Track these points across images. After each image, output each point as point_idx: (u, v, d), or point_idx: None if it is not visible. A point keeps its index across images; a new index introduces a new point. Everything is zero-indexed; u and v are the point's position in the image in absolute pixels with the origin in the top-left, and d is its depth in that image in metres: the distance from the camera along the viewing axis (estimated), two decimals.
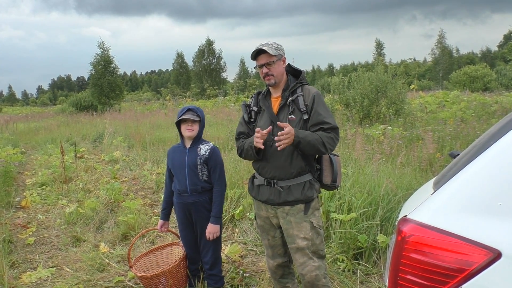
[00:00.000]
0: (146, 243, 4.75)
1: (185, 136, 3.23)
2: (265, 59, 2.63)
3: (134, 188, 7.36)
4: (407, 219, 1.53)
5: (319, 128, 2.54)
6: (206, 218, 3.24)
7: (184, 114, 3.16)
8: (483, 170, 1.43)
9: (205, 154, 3.19)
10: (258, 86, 41.38)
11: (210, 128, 12.79)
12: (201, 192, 3.20)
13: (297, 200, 2.62)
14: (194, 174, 3.19)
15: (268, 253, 2.91)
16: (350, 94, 11.28)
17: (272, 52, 2.59)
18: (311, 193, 2.64)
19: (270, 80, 2.66)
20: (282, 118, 2.64)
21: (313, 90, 2.66)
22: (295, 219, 2.63)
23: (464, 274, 1.33)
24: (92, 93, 32.67)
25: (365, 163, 5.60)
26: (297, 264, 2.67)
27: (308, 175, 2.66)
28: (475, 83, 34.75)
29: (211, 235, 3.19)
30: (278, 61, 2.64)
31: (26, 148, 13.67)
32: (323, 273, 2.66)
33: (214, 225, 3.20)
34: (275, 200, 2.67)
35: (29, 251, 4.71)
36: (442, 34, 68.07)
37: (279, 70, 2.66)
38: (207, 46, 67.95)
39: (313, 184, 2.66)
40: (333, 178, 2.71)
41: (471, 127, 8.08)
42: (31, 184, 7.85)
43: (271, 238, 2.85)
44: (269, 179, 2.68)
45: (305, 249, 2.62)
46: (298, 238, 2.62)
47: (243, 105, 2.85)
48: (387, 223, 3.97)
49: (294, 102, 2.63)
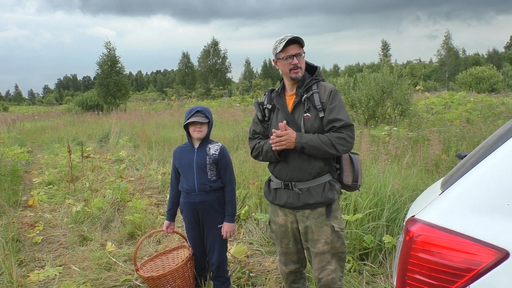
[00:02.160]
0: (153, 243, 4.78)
1: (194, 137, 3.24)
2: (296, 50, 2.49)
3: (140, 188, 7.39)
4: (415, 219, 1.54)
5: (331, 126, 2.43)
6: (213, 218, 3.25)
7: (193, 116, 3.16)
8: (491, 171, 1.44)
9: (215, 154, 3.21)
10: (263, 86, 41.42)
11: (216, 128, 12.81)
12: (209, 191, 3.22)
13: (318, 202, 2.50)
14: (203, 173, 3.20)
15: (281, 259, 2.82)
16: (355, 94, 11.26)
17: (303, 44, 2.51)
18: (331, 195, 2.51)
19: (298, 73, 2.51)
20: (297, 116, 2.53)
21: (329, 86, 2.53)
22: (316, 223, 2.53)
23: (472, 273, 1.34)
24: (98, 93, 32.78)
25: (371, 163, 5.60)
26: (315, 267, 2.60)
27: (328, 175, 2.54)
28: (481, 84, 34.57)
29: (228, 233, 3.22)
30: (304, 54, 2.54)
31: (32, 147, 13.75)
32: (339, 275, 2.60)
33: (230, 224, 3.23)
34: (294, 203, 2.54)
35: (36, 249, 4.75)
36: (448, 35, 67.76)
37: (304, 64, 2.57)
38: (213, 46, 68.09)
39: (333, 184, 2.54)
40: (354, 177, 2.59)
41: (477, 128, 8.05)
42: (38, 183, 7.91)
43: (285, 246, 2.73)
44: (287, 182, 2.56)
45: (325, 254, 2.54)
46: (319, 243, 2.54)
47: (255, 103, 2.74)
48: (393, 224, 3.97)
49: (309, 100, 2.50)
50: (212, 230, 3.27)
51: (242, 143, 8.90)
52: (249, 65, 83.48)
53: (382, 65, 11.80)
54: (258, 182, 5.45)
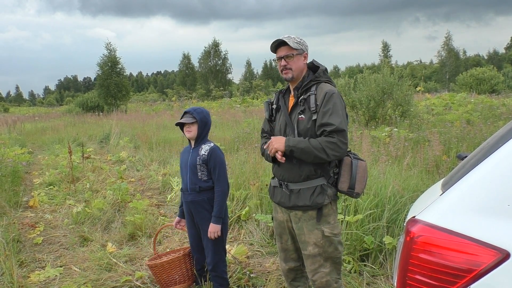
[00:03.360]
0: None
1: (187, 137, 3.34)
2: (285, 51, 2.51)
3: (140, 189, 7.40)
4: (416, 219, 1.54)
5: (322, 130, 2.39)
6: (205, 218, 3.27)
7: (182, 118, 3.28)
8: (491, 172, 1.44)
9: (205, 154, 3.25)
10: (263, 87, 41.44)
11: (216, 129, 12.83)
12: (199, 191, 3.25)
13: (305, 205, 2.49)
14: (194, 173, 3.26)
15: (281, 256, 2.84)
16: (356, 96, 11.27)
17: (292, 45, 2.49)
18: (321, 199, 2.46)
19: (288, 74, 2.54)
20: (294, 117, 2.55)
21: (326, 88, 2.48)
22: (307, 226, 2.53)
23: (473, 274, 1.34)
24: (99, 94, 32.83)
25: (371, 165, 5.60)
26: (308, 270, 2.61)
27: (321, 179, 2.49)
28: (482, 85, 34.55)
29: (212, 234, 3.22)
30: (298, 55, 2.53)
31: (33, 148, 13.77)
32: (334, 278, 2.58)
33: (214, 225, 3.21)
34: (286, 203, 2.58)
35: (37, 250, 4.75)
36: (449, 36, 67.71)
37: (298, 65, 2.54)
38: (214, 47, 68.13)
39: (325, 189, 2.48)
40: (351, 184, 2.46)
41: (478, 129, 8.05)
42: (38, 184, 7.92)
43: (284, 242, 2.77)
44: (281, 181, 2.62)
45: (316, 256, 2.53)
46: (309, 245, 2.54)
47: (266, 102, 2.79)
48: (394, 225, 3.98)
49: (305, 101, 2.49)
50: (205, 230, 3.28)
51: (242, 144, 8.90)
52: (250, 66, 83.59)
53: (383, 66, 11.80)
54: (259, 183, 5.45)
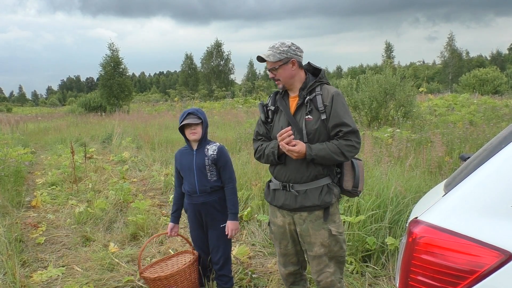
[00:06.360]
0: (155, 244, 4.78)
1: (190, 139, 3.25)
2: (270, 65, 2.56)
3: (143, 189, 7.41)
4: (418, 220, 1.54)
5: (338, 130, 2.43)
6: (216, 218, 3.26)
7: (185, 119, 3.18)
8: (494, 173, 1.44)
9: (214, 154, 3.21)
10: (266, 88, 41.45)
11: (218, 129, 12.83)
12: (210, 192, 3.22)
13: (314, 205, 2.50)
14: (203, 175, 3.21)
15: (280, 261, 2.82)
16: (358, 96, 11.26)
17: (273, 59, 2.51)
18: (329, 198, 2.50)
19: (279, 85, 2.61)
20: (299, 118, 2.54)
21: (332, 89, 2.53)
22: (313, 226, 2.53)
23: (475, 275, 1.33)
24: (102, 94, 32.89)
25: (373, 165, 5.59)
26: (313, 270, 2.61)
27: (326, 178, 2.53)
28: (485, 86, 34.51)
29: (233, 231, 3.20)
30: (283, 65, 2.53)
31: (36, 148, 13.79)
32: (338, 278, 2.61)
33: (234, 222, 3.21)
34: (291, 205, 2.55)
35: (39, 250, 4.76)
36: (452, 37, 67.58)
37: (285, 74, 2.55)
38: (216, 48, 68.16)
39: (331, 188, 2.52)
40: (355, 183, 2.55)
41: (481, 130, 8.03)
42: (41, 184, 7.93)
43: (283, 247, 2.74)
44: (285, 183, 2.58)
45: (322, 257, 2.55)
46: (315, 246, 2.54)
47: (260, 104, 2.76)
48: (396, 226, 3.97)
49: (312, 102, 2.51)
50: (215, 230, 3.28)
51: (244, 144, 8.90)
52: (252, 67, 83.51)
53: (385, 66, 11.79)
54: (261, 183, 5.45)
